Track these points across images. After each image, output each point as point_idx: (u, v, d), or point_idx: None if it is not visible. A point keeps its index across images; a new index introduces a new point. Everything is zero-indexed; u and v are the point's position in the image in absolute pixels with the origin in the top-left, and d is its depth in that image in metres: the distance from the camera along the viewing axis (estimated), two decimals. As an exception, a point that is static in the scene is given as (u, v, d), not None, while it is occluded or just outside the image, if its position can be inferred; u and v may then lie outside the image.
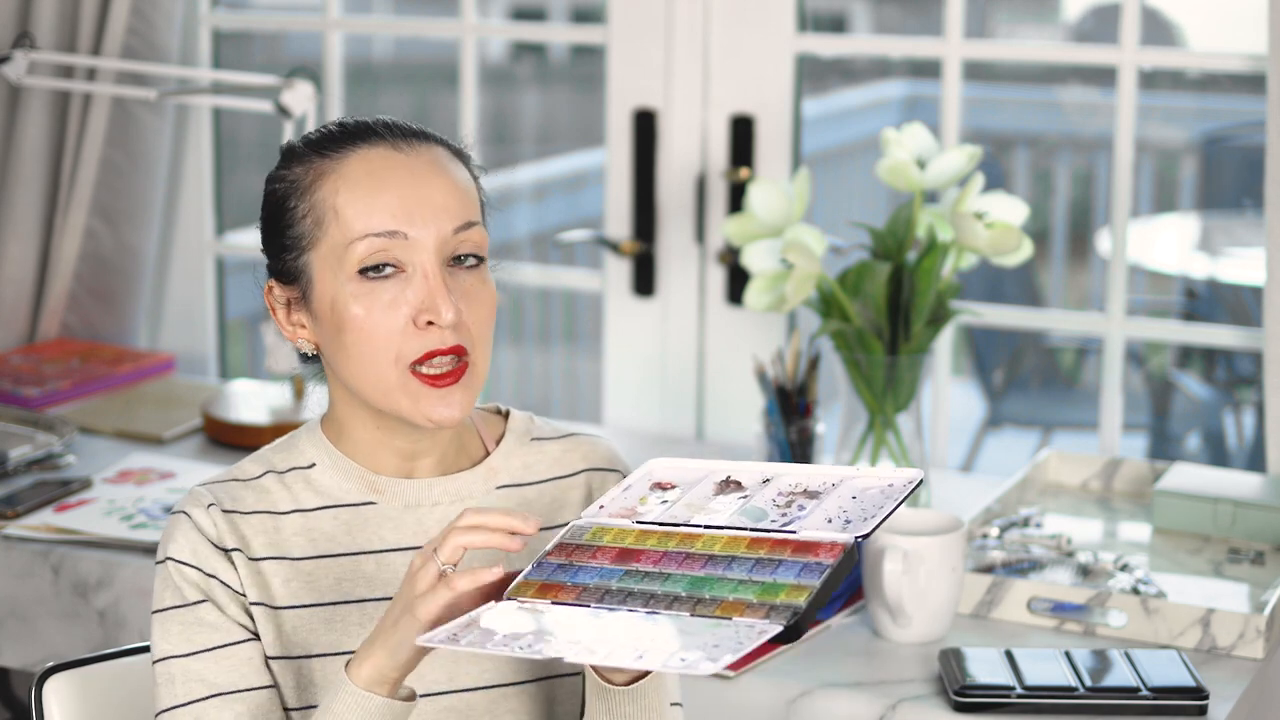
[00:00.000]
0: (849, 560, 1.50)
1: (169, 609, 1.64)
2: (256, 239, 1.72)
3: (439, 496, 1.70)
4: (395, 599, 1.51)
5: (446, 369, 1.62)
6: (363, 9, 7.55)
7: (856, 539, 1.51)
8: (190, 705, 1.62)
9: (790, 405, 2.59)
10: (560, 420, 1.82)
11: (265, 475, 1.69)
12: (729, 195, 3.06)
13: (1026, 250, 2.58)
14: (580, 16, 8.93)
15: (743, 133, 3.03)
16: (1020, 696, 2.08)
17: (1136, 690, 2.07)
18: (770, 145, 3.03)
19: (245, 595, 1.65)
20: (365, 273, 1.61)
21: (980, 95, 6.68)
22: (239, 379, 3.27)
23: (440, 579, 1.48)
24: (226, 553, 1.65)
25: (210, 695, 1.62)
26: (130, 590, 2.52)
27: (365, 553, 1.68)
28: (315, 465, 1.70)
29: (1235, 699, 2.11)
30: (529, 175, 6.10)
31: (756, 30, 3.01)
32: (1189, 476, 2.64)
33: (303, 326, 1.67)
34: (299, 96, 2.95)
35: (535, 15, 9.21)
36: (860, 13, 8.77)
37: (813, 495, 1.57)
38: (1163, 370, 5.27)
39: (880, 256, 2.61)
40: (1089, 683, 2.09)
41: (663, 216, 3.10)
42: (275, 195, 1.67)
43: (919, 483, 1.55)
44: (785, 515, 1.55)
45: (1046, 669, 2.12)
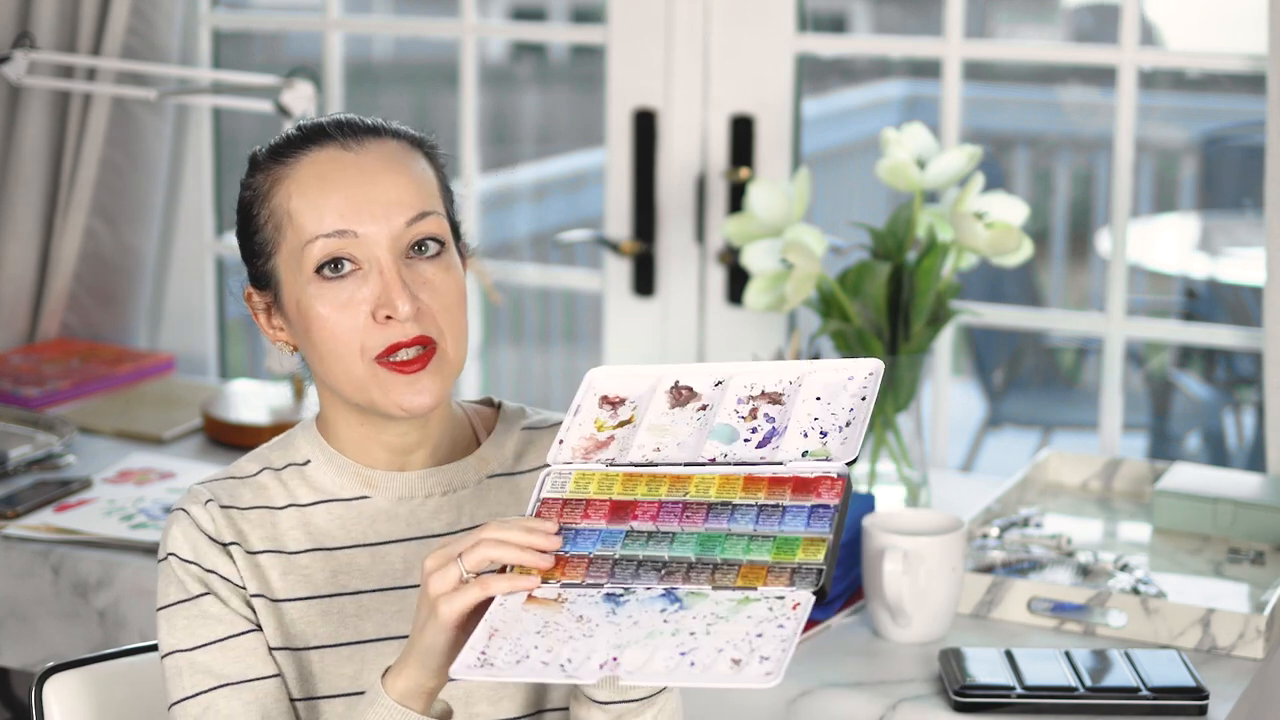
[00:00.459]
0: (849, 493, 1.50)
1: (173, 604, 1.66)
2: None
3: (431, 488, 1.71)
4: (415, 608, 1.52)
5: (410, 357, 1.63)
6: (363, 9, 7.55)
7: (847, 465, 1.50)
8: (199, 696, 1.63)
9: (790, 405, 2.59)
10: (556, 413, 1.82)
11: (262, 472, 1.72)
12: (729, 195, 3.06)
13: (1026, 250, 2.58)
14: (580, 16, 8.93)
15: (743, 133, 3.03)
16: (1020, 696, 2.08)
17: (1136, 690, 2.07)
18: (770, 145, 3.03)
19: (245, 588, 1.67)
20: (322, 272, 1.63)
21: (980, 95, 6.68)
22: (239, 379, 3.27)
23: (469, 582, 1.48)
24: (225, 547, 1.67)
25: (218, 686, 1.64)
26: (130, 590, 2.52)
27: (360, 546, 1.70)
28: (310, 462, 1.72)
29: (1235, 699, 2.11)
30: (529, 175, 6.10)
31: (756, 30, 3.01)
32: (1189, 476, 2.64)
33: (281, 329, 1.70)
34: (299, 96, 2.95)
35: (535, 15, 9.21)
36: (860, 13, 8.77)
37: (774, 400, 1.56)
38: (1163, 370, 5.27)
39: (880, 256, 2.61)
40: (1089, 683, 2.09)
41: (663, 216, 3.10)
42: (243, 203, 1.71)
43: (879, 373, 1.55)
44: (755, 430, 1.54)
45: (1046, 669, 2.12)
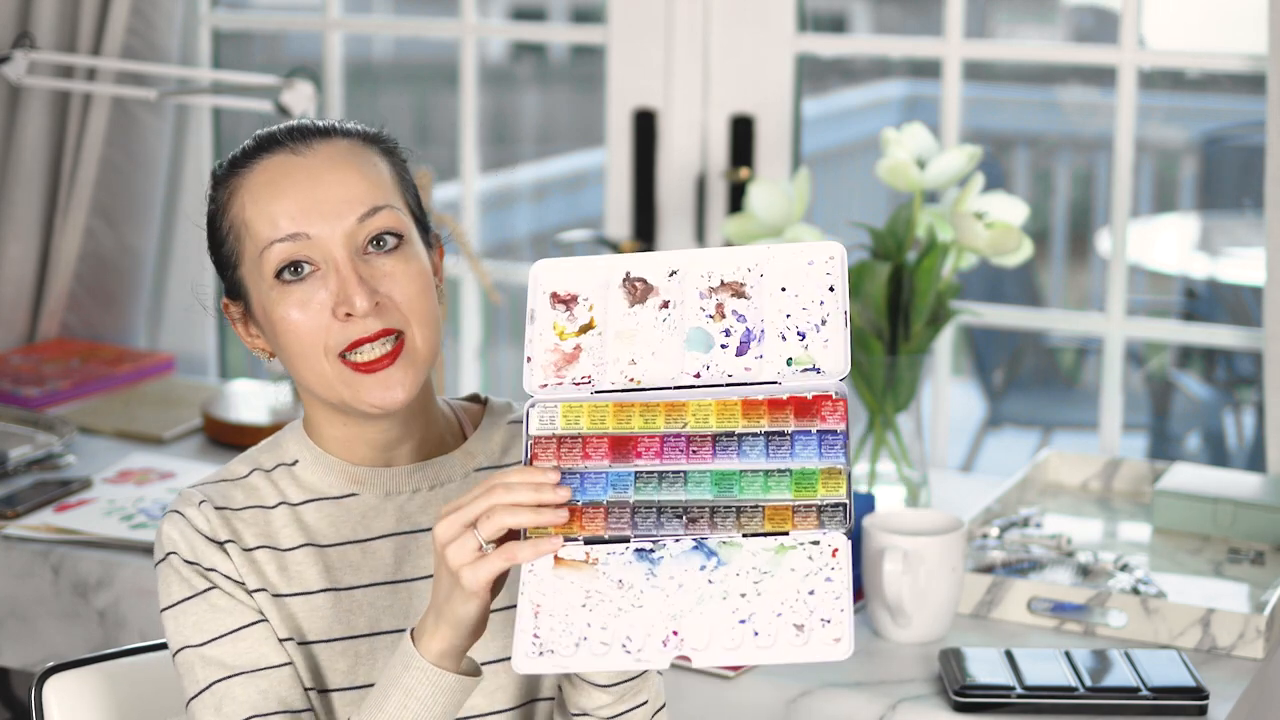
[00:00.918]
0: (849, 413, 1.49)
1: (179, 602, 1.67)
2: None
3: (418, 483, 1.72)
4: (436, 575, 1.52)
5: (377, 354, 1.64)
6: (363, 9, 7.55)
7: (841, 382, 1.49)
8: (214, 686, 1.64)
9: (790, 405, 2.59)
10: None
11: (252, 474, 1.73)
12: (729, 195, 3.06)
13: (1026, 250, 2.58)
14: (580, 16, 8.93)
15: (743, 133, 3.03)
16: (1020, 696, 2.08)
17: (1136, 690, 2.07)
18: (770, 145, 3.03)
19: (244, 583, 1.67)
20: (281, 276, 1.65)
21: (980, 95, 6.68)
22: (239, 379, 3.27)
23: (490, 553, 1.48)
24: (221, 545, 1.68)
25: (232, 675, 1.64)
26: (130, 590, 2.52)
27: (350, 542, 1.71)
28: (299, 462, 1.73)
29: (1235, 699, 2.11)
30: (529, 175, 6.10)
31: (756, 30, 3.01)
32: (1189, 476, 2.64)
33: (257, 336, 1.72)
34: (299, 96, 2.95)
35: (535, 15, 9.21)
36: (860, 13, 8.76)
37: (737, 292, 1.52)
38: (1163, 370, 5.27)
39: (880, 256, 2.61)
40: (1089, 683, 2.09)
41: (663, 216, 3.10)
42: (208, 217, 1.72)
43: (842, 258, 1.52)
44: (729, 334, 1.51)
45: (1046, 669, 2.12)
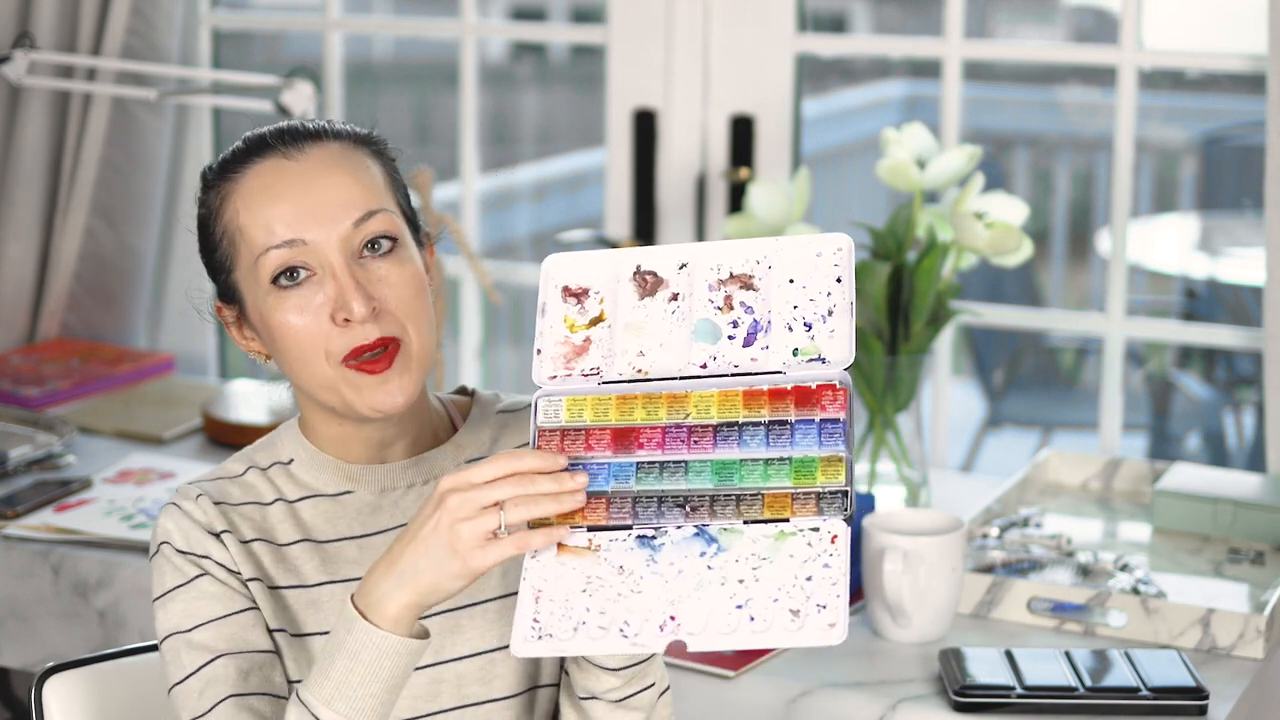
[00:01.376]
0: (853, 402, 1.49)
1: (171, 590, 1.67)
2: None
3: (412, 478, 1.73)
4: (422, 542, 1.50)
5: (379, 356, 1.64)
6: (363, 9, 7.55)
7: (845, 371, 1.49)
8: (200, 671, 1.64)
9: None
10: (530, 396, 1.82)
11: (248, 471, 1.74)
12: (729, 195, 3.06)
13: (1026, 250, 2.58)
14: (580, 16, 8.93)
15: (743, 133, 3.03)
16: (1020, 696, 2.08)
17: (1136, 690, 2.07)
18: (770, 145, 3.03)
19: (239, 573, 1.68)
20: (278, 281, 1.64)
21: (980, 95, 6.68)
22: (239, 379, 3.27)
23: (504, 538, 1.48)
24: (217, 535, 1.68)
25: (215, 657, 1.64)
26: (130, 590, 2.52)
27: (346, 539, 1.71)
28: (294, 460, 1.74)
29: (1235, 699, 2.11)
30: (529, 175, 6.10)
31: (756, 30, 3.01)
32: (1189, 476, 2.64)
33: (252, 339, 1.72)
34: (299, 96, 2.95)
35: (535, 15, 9.21)
36: (860, 13, 8.76)
37: (746, 284, 1.53)
38: (1163, 370, 5.27)
39: (880, 256, 2.61)
40: (1089, 683, 2.09)
41: (663, 216, 3.10)
42: (199, 222, 1.72)
43: (849, 249, 1.53)
44: (737, 325, 1.52)
45: (1046, 669, 2.12)
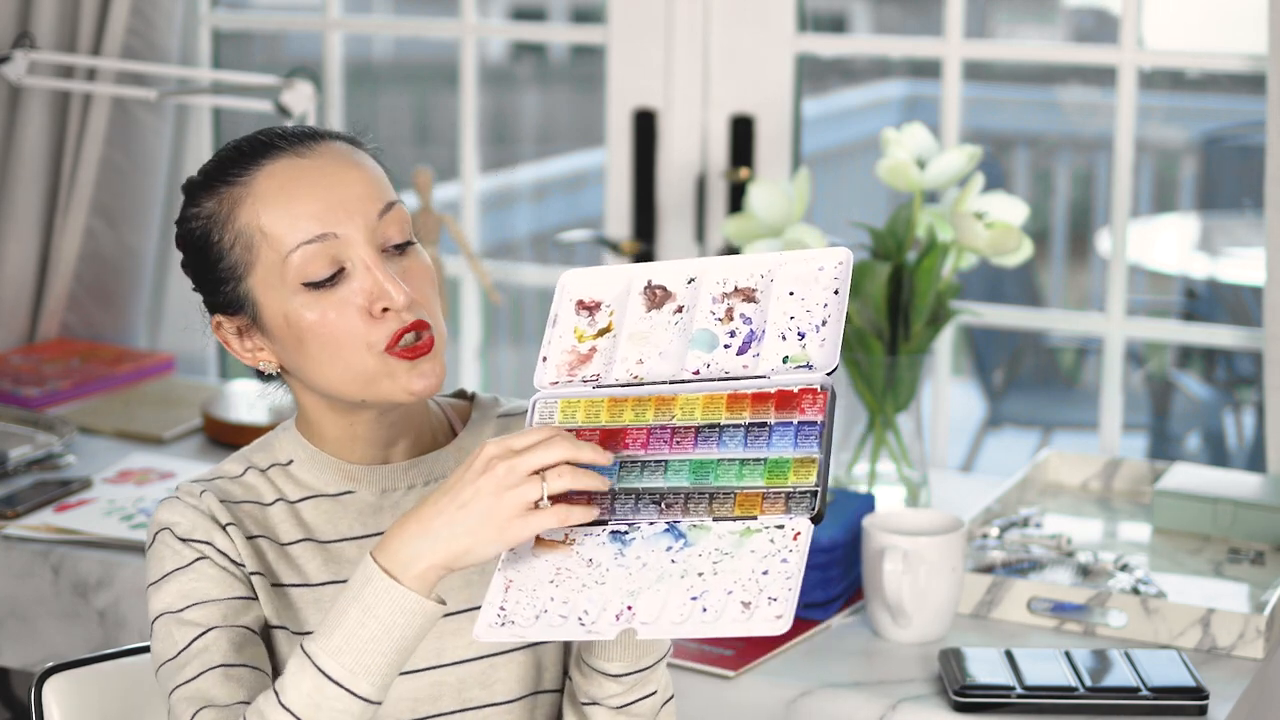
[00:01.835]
0: (833, 405, 1.51)
1: (168, 574, 1.65)
2: None
3: (413, 479, 1.73)
4: (463, 507, 1.49)
5: (415, 343, 1.64)
6: (363, 9, 7.55)
7: (828, 375, 1.51)
8: (189, 646, 1.62)
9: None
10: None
11: (247, 471, 1.73)
12: (729, 195, 3.06)
13: (1026, 250, 2.58)
14: (580, 16, 8.93)
15: (743, 133, 3.03)
16: (1020, 696, 2.08)
17: (1136, 690, 2.07)
18: (770, 145, 3.03)
19: (243, 565, 1.67)
20: (312, 284, 1.62)
21: (980, 95, 6.68)
22: (239, 379, 3.27)
23: (547, 509, 1.48)
24: (223, 527, 1.67)
25: (206, 630, 1.62)
26: (130, 590, 2.52)
27: (348, 539, 1.71)
28: (293, 461, 1.73)
29: (1235, 699, 2.11)
30: (529, 175, 6.10)
31: (756, 30, 3.01)
32: (1189, 476, 2.64)
33: (261, 349, 1.69)
34: (299, 96, 2.95)
35: (535, 15, 9.21)
36: (860, 13, 8.76)
37: (749, 297, 1.56)
38: (1163, 370, 5.27)
39: (880, 256, 2.61)
40: (1089, 683, 2.09)
41: (663, 216, 3.10)
42: (194, 234, 1.68)
43: (849, 263, 1.55)
44: (734, 335, 1.55)
45: (1046, 669, 2.12)
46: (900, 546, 2.21)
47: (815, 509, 1.45)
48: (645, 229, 3.11)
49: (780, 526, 1.45)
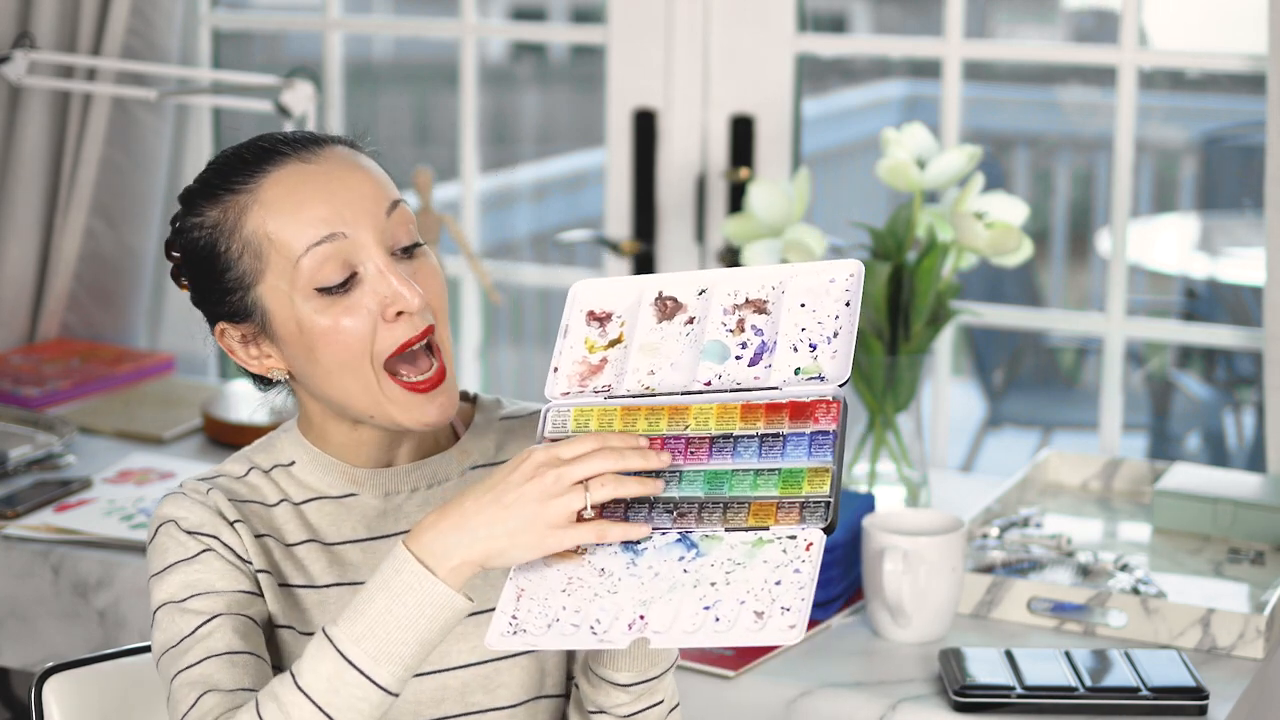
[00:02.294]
0: (846, 416, 1.52)
1: (172, 565, 1.64)
2: None
3: (416, 482, 1.73)
4: (506, 509, 1.48)
5: (425, 375, 1.64)
6: (363, 9, 7.55)
7: (840, 386, 1.52)
8: (193, 634, 1.60)
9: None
10: (533, 402, 1.82)
11: (250, 472, 1.73)
12: (729, 195, 3.06)
13: (1026, 250, 2.58)
14: (580, 16, 8.93)
15: (743, 133, 3.03)
16: (1020, 696, 2.08)
17: (1136, 690, 2.07)
18: (770, 145, 3.03)
19: (251, 562, 1.66)
20: (325, 289, 1.62)
21: (980, 95, 6.68)
22: (239, 379, 3.26)
23: (588, 521, 1.49)
24: (231, 524, 1.66)
25: (211, 618, 1.61)
26: (130, 590, 2.52)
27: (351, 542, 1.71)
28: (295, 463, 1.73)
29: (1235, 699, 2.11)
30: (529, 175, 6.09)
31: (756, 30, 3.01)
32: (1189, 476, 2.64)
33: (269, 356, 1.68)
34: (299, 96, 2.95)
35: (535, 15, 9.21)
36: (860, 13, 8.76)
37: (760, 309, 1.57)
38: (1163, 370, 5.27)
39: (880, 256, 2.61)
40: (1089, 683, 2.09)
41: (663, 216, 3.10)
42: (197, 243, 1.66)
43: (860, 275, 1.56)
44: (745, 346, 1.56)
45: (1046, 669, 2.12)
46: (900, 546, 2.21)
47: (829, 520, 1.46)
48: (645, 229, 3.11)
49: (793, 537, 1.46)
